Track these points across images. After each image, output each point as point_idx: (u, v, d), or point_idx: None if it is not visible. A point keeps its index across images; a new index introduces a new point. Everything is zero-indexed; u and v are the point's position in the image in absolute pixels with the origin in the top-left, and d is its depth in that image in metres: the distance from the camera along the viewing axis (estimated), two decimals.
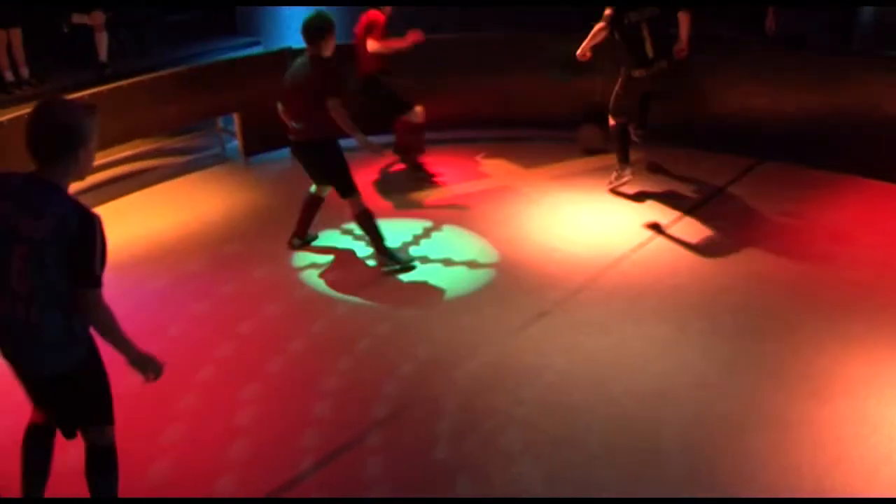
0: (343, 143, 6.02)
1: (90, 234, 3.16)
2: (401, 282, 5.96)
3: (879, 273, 6.03)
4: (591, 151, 8.06)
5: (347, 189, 5.97)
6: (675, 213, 6.91)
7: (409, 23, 7.30)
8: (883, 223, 6.76)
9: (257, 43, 11.69)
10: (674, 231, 6.65)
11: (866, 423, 4.50)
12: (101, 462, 3.60)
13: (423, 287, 5.88)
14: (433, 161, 7.89)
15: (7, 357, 3.38)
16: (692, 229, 6.69)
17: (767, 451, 4.32)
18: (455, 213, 6.96)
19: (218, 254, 6.38)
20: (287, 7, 10.15)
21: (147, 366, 3.41)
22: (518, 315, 5.48)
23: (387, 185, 7.56)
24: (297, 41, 6.31)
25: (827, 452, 4.30)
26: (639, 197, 7.22)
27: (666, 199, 7.17)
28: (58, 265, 3.16)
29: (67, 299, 3.22)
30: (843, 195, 7.23)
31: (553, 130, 8.43)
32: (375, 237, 6.04)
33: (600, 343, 5.21)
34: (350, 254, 6.37)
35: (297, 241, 6.41)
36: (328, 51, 5.81)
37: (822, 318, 5.44)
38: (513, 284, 5.88)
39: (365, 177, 7.43)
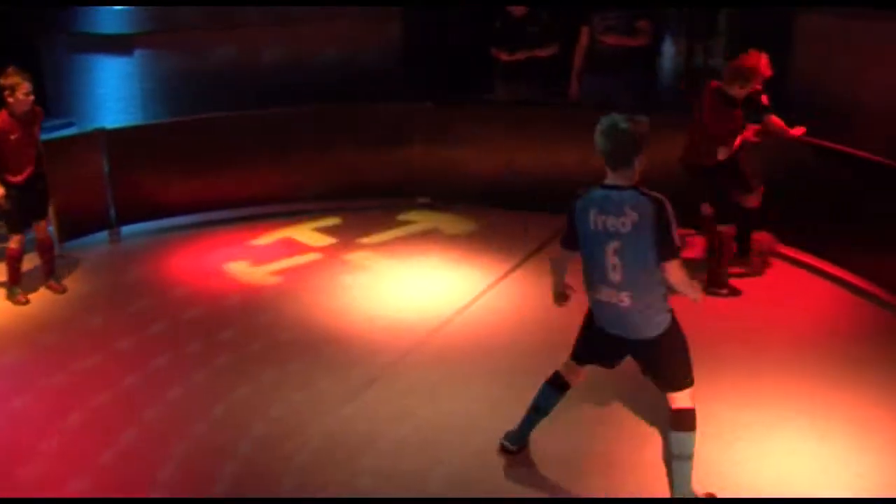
0: None
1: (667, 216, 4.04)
2: (231, 361, 5.88)
3: (700, 315, 6.32)
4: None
5: None
6: (497, 273, 7.10)
7: None
8: (696, 272, 7.12)
9: (71, 124, 11.37)
10: (497, 291, 6.84)
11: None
12: (680, 421, 4.34)
13: (253, 366, 5.83)
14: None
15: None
16: (515, 288, 6.91)
17: (603, 490, 4.53)
18: (279, 285, 6.94)
19: (36, 343, 6.12)
20: (101, 87, 9.94)
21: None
22: (348, 385, 5.52)
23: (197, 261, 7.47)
24: (111, 120, 6.20)
25: (649, 492, 4.54)
26: (461, 260, 7.39)
27: (488, 260, 7.36)
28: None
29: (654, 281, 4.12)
30: None
31: (374, 199, 8.57)
32: None
33: (430, 406, 5.31)
34: (174, 334, 6.24)
35: None
36: None
37: None
38: (341, 355, 5.92)
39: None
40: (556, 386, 4.64)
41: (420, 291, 6.88)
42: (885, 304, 6.59)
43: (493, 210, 8.36)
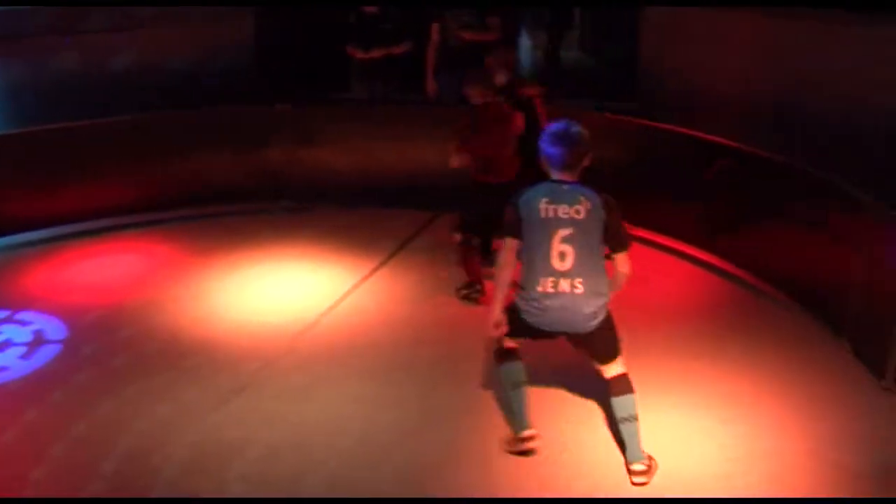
0: None
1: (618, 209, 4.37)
2: (91, 377, 5.64)
3: None
4: None
5: None
6: (362, 273, 7.06)
7: None
8: None
9: None
10: (363, 290, 6.81)
11: (555, 444, 4.84)
12: (622, 386, 4.58)
13: (113, 379, 5.60)
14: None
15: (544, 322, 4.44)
16: (380, 286, 6.88)
17: (474, 487, 4.53)
18: (140, 297, 6.71)
19: None
20: None
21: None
22: (215, 393, 5.38)
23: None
24: None
25: (527, 479, 4.58)
26: (326, 261, 7.33)
27: (352, 259, 7.32)
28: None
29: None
30: None
31: (235, 205, 8.42)
32: None
33: (302, 409, 5.23)
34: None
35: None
36: None
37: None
38: (206, 363, 5.76)
39: None
40: (512, 358, 4.82)
41: (285, 295, 6.78)
42: (736, 279, 6.86)
43: (356, 210, 8.32)
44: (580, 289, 4.32)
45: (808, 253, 6.27)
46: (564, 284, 4.32)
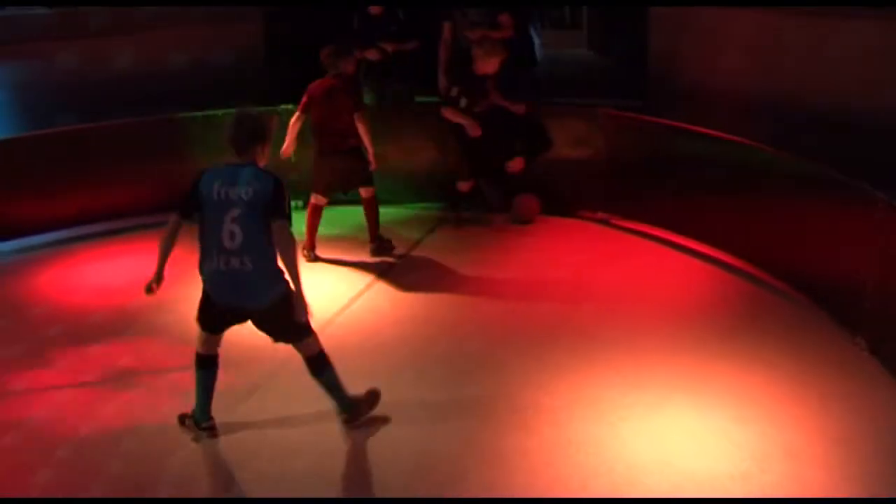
0: None
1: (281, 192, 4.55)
2: (98, 378, 5.61)
3: (573, 299, 6.49)
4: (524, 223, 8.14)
5: None
6: (377, 271, 7.04)
7: None
8: (569, 254, 7.29)
9: None
10: (378, 288, 6.78)
11: (571, 444, 4.79)
12: (316, 365, 4.86)
13: (120, 379, 5.58)
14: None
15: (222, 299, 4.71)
16: (393, 286, 6.86)
17: (486, 487, 4.48)
18: (146, 299, 6.67)
19: None
20: None
21: (304, 307, 4.61)
22: (228, 393, 5.33)
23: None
24: None
25: (540, 478, 4.53)
26: (341, 260, 7.30)
27: (367, 258, 7.30)
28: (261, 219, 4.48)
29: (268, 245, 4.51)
30: (529, 234, 7.73)
31: None
32: None
33: (316, 409, 5.17)
34: (37, 354, 5.93)
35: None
36: None
37: (526, 353, 5.76)
38: (220, 364, 5.69)
39: None
40: (206, 364, 4.95)
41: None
42: (750, 276, 6.83)
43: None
44: (249, 266, 4.52)
45: (823, 249, 6.22)
46: (236, 261, 4.54)
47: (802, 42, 7.71)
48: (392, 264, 7.24)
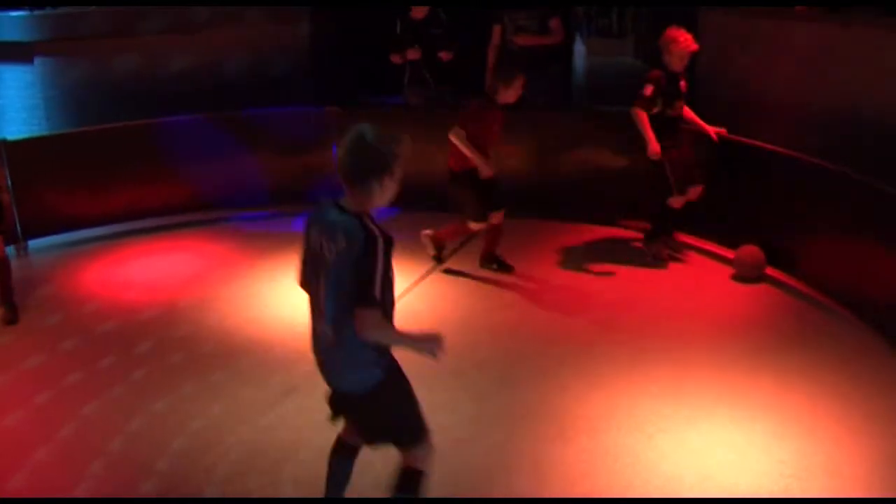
0: None
1: (373, 253, 3.40)
2: (146, 373, 5.72)
3: (612, 311, 6.48)
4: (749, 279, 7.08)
5: None
6: (415, 275, 7.07)
7: None
8: (609, 264, 7.26)
9: None
10: (416, 293, 6.81)
11: (608, 454, 4.78)
12: (405, 481, 3.85)
13: (171, 378, 5.67)
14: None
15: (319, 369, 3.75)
16: (434, 289, 6.88)
17: (520, 496, 4.50)
18: (195, 296, 6.78)
19: None
20: (1, 96, 9.60)
21: (430, 345, 3.79)
22: (268, 394, 5.42)
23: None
24: (12, 131, 5.96)
25: (577, 488, 4.53)
26: None
27: (406, 262, 7.32)
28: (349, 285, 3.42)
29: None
30: (568, 242, 7.73)
31: (290, 205, 8.43)
32: None
33: None
34: (88, 349, 6.04)
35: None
36: None
37: (564, 361, 5.78)
38: (260, 364, 5.81)
39: None
40: (337, 449, 4.19)
41: None
42: (794, 290, 6.76)
43: (411, 212, 8.26)
44: (330, 336, 3.62)
45: (868, 264, 6.15)
46: (324, 327, 3.65)
47: (859, 53, 7.60)
48: (432, 269, 7.25)
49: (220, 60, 10.17)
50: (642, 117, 6.86)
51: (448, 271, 7.26)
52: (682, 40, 6.89)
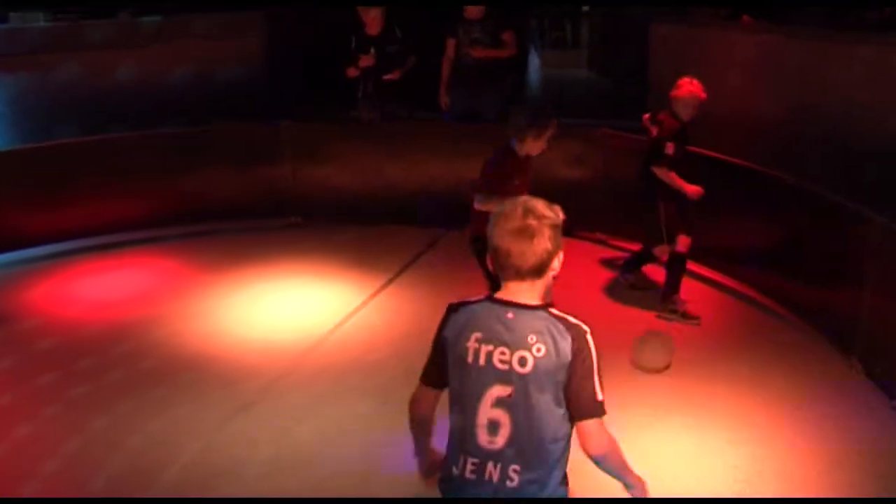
0: None
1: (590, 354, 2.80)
2: (81, 390, 5.57)
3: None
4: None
5: None
6: (370, 289, 7.02)
7: None
8: (564, 274, 7.23)
9: None
10: (371, 307, 6.77)
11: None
12: None
13: (109, 394, 5.53)
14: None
15: None
16: (388, 303, 6.84)
17: None
18: (142, 313, 6.68)
19: None
20: None
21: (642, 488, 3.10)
22: (218, 410, 5.32)
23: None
24: None
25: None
26: (334, 277, 7.30)
27: (361, 276, 7.28)
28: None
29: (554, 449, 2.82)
30: None
31: (243, 221, 8.41)
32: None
33: (306, 427, 5.17)
34: (25, 367, 5.89)
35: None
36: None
37: None
38: (211, 380, 5.70)
39: None
40: None
41: (293, 312, 6.74)
42: (745, 297, 6.81)
43: (364, 226, 8.29)
44: (514, 481, 2.82)
45: (818, 271, 6.21)
46: (492, 471, 2.84)
47: (804, 64, 7.71)
48: (387, 283, 7.21)
49: (167, 72, 10.05)
50: (672, 177, 6.44)
51: (399, 286, 7.20)
52: (691, 89, 6.52)
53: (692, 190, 6.45)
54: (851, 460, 4.80)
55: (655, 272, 7.01)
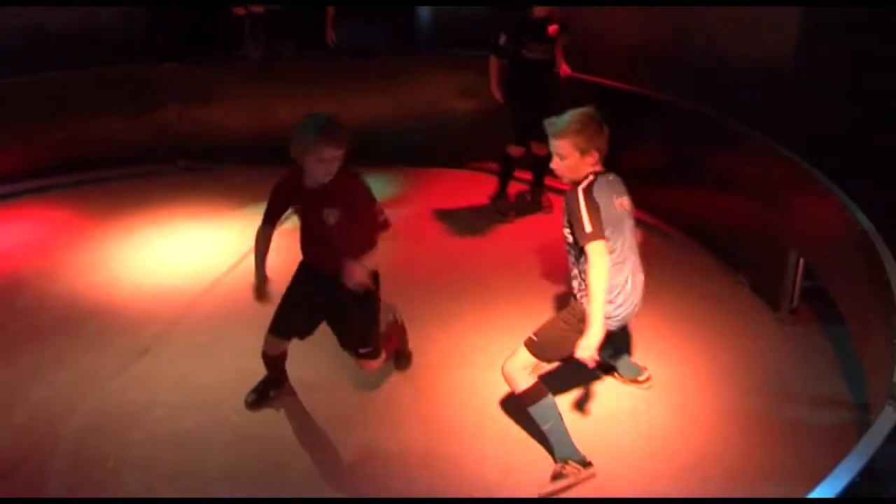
0: None
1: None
2: None
3: (463, 251, 6.55)
4: None
5: None
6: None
7: None
8: (458, 206, 7.34)
9: None
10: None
11: (464, 390, 4.83)
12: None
13: (8, 349, 5.39)
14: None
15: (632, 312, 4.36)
16: (284, 242, 6.73)
17: (373, 444, 4.52)
18: (38, 264, 6.48)
19: None
20: None
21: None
22: (116, 358, 5.24)
23: None
24: None
25: (433, 425, 4.59)
26: (228, 219, 7.20)
27: (253, 217, 7.15)
28: None
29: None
30: (425, 187, 7.77)
31: (131, 167, 8.20)
32: None
33: (207, 368, 5.14)
34: None
35: None
36: None
37: (414, 300, 5.68)
38: (107, 328, 5.59)
39: None
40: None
41: (187, 256, 6.64)
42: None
43: (256, 168, 8.13)
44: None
45: (706, 192, 6.39)
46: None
47: None
48: (280, 222, 7.10)
49: (44, 14, 9.61)
50: (491, 64, 6.84)
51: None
52: None
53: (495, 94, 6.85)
54: (740, 368, 5.04)
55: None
